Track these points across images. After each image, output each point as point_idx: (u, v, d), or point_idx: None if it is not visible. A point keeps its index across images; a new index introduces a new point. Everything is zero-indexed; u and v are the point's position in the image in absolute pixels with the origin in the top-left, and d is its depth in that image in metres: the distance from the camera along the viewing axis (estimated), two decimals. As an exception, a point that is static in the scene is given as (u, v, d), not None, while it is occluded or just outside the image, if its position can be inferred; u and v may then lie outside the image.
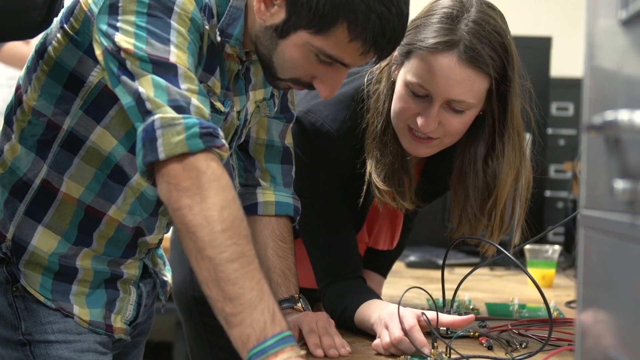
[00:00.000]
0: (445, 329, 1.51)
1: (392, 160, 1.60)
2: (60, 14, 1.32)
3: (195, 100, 1.18)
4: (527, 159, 1.66)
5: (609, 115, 0.79)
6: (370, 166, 1.60)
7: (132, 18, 1.19)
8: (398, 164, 1.60)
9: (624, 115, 0.76)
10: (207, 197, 1.13)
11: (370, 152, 1.60)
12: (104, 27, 1.21)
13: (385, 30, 1.22)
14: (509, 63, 1.51)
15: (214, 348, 1.91)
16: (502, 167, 1.60)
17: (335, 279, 1.64)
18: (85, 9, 1.27)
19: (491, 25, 1.49)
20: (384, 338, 1.41)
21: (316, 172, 1.62)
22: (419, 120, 1.51)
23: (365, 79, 1.62)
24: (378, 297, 1.60)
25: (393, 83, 1.57)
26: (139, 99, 1.17)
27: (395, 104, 1.56)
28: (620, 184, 0.77)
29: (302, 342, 1.41)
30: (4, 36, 1.25)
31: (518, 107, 1.59)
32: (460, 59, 1.46)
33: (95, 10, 1.23)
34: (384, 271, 1.98)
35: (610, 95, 0.85)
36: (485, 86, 1.51)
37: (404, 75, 1.52)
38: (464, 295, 1.91)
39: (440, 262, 2.35)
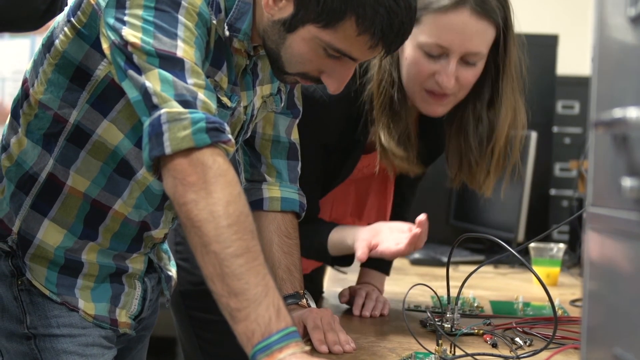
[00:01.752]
0: (450, 326, 1.51)
1: (403, 126, 1.67)
2: (67, 7, 1.32)
3: (201, 95, 1.18)
4: (520, 101, 1.73)
5: (618, 112, 0.78)
6: (382, 135, 1.66)
7: (139, 12, 1.19)
8: (408, 129, 1.68)
9: (632, 113, 0.76)
10: (212, 192, 1.13)
11: (381, 122, 1.66)
12: (112, 20, 1.21)
13: (393, 24, 1.22)
14: (508, 10, 1.61)
15: (200, 340, 1.93)
16: (502, 110, 1.68)
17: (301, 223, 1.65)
18: (92, 2, 1.27)
19: None
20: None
21: (302, 136, 1.62)
22: (440, 78, 1.58)
23: None
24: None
25: (396, 52, 1.60)
26: (145, 93, 1.17)
27: (409, 70, 1.61)
28: (627, 182, 0.77)
29: (306, 338, 1.41)
30: (9, 26, 1.25)
31: (516, 52, 1.68)
32: (473, 13, 1.55)
33: (103, 3, 1.23)
34: (384, 268, 1.97)
35: (618, 92, 0.85)
36: (493, 35, 1.60)
37: (415, 39, 1.57)
38: (468, 293, 1.91)
39: (445, 259, 2.35)
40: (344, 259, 1.75)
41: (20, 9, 1.19)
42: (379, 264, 1.93)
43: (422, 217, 1.52)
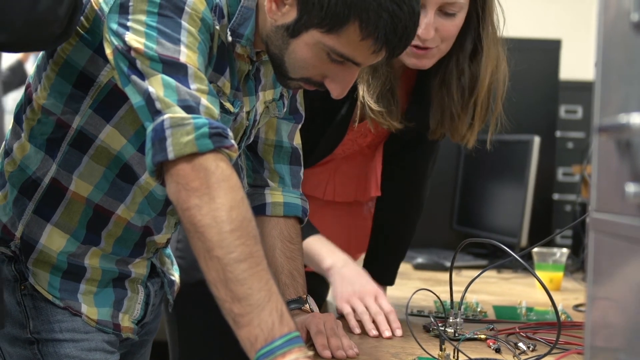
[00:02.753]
0: (453, 331, 1.51)
1: (383, 81, 1.68)
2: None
3: (204, 101, 1.18)
4: (501, 52, 1.74)
5: (622, 118, 0.78)
6: (362, 90, 1.69)
7: (142, 17, 1.19)
8: (388, 85, 1.69)
9: (636, 119, 0.76)
10: (215, 197, 1.13)
11: (360, 78, 1.68)
12: (115, 26, 1.21)
13: (396, 29, 1.22)
14: None
15: (182, 341, 1.94)
16: (483, 62, 1.69)
17: None
18: (96, 8, 1.27)
19: None
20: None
21: None
22: (419, 30, 1.55)
23: None
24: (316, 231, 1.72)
25: None
26: (148, 98, 1.17)
27: None
28: (631, 188, 0.77)
29: (309, 343, 1.41)
30: (23, 47, 1.26)
31: (495, 3, 1.69)
32: None
33: (106, 9, 1.23)
34: (386, 280, 1.96)
35: (622, 98, 0.85)
36: None
37: None
38: (471, 298, 1.91)
39: (448, 264, 2.35)
40: None
41: (37, 34, 1.20)
42: (379, 276, 1.90)
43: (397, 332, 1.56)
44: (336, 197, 1.92)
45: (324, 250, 1.70)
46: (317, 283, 2.01)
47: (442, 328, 1.51)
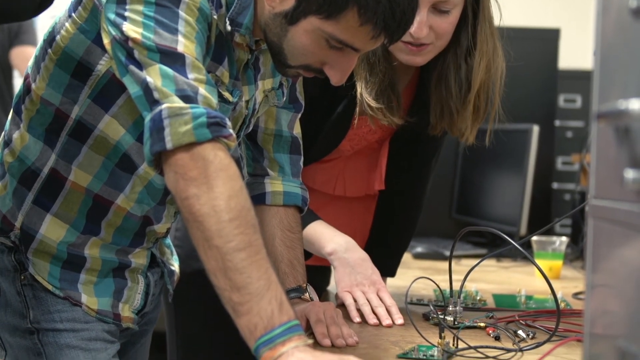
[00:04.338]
0: (453, 319, 1.51)
1: (381, 78, 1.68)
2: (69, 3, 1.32)
3: (202, 90, 1.18)
4: (499, 47, 1.73)
5: (620, 104, 0.78)
6: (360, 87, 1.68)
7: (140, 7, 1.19)
8: (387, 81, 1.68)
9: (634, 105, 0.76)
10: (214, 186, 1.13)
11: (358, 75, 1.68)
12: (112, 16, 1.21)
13: (395, 14, 1.22)
14: None
15: (179, 329, 1.94)
16: (478, 56, 1.69)
17: None
18: (93, -3, 1.27)
19: None
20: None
21: None
22: (412, 29, 1.54)
23: None
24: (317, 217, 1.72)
25: None
26: (146, 88, 1.17)
27: None
28: (630, 174, 0.77)
29: (309, 331, 1.41)
30: (5, 17, 1.25)
31: None
32: None
33: (104, -1, 1.23)
34: (386, 271, 1.96)
35: (621, 84, 0.85)
36: None
37: None
38: (471, 287, 1.91)
39: (447, 253, 2.35)
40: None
41: (17, 1, 1.19)
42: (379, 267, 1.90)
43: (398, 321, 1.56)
44: (346, 192, 1.92)
45: (325, 235, 1.69)
46: (317, 274, 2.01)
47: (442, 316, 1.51)
